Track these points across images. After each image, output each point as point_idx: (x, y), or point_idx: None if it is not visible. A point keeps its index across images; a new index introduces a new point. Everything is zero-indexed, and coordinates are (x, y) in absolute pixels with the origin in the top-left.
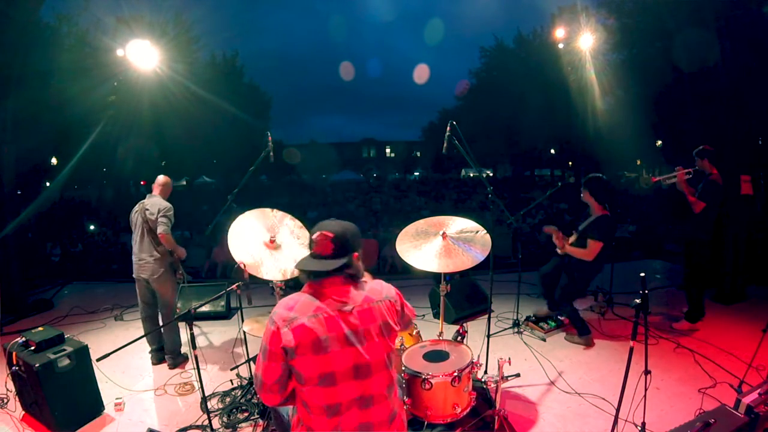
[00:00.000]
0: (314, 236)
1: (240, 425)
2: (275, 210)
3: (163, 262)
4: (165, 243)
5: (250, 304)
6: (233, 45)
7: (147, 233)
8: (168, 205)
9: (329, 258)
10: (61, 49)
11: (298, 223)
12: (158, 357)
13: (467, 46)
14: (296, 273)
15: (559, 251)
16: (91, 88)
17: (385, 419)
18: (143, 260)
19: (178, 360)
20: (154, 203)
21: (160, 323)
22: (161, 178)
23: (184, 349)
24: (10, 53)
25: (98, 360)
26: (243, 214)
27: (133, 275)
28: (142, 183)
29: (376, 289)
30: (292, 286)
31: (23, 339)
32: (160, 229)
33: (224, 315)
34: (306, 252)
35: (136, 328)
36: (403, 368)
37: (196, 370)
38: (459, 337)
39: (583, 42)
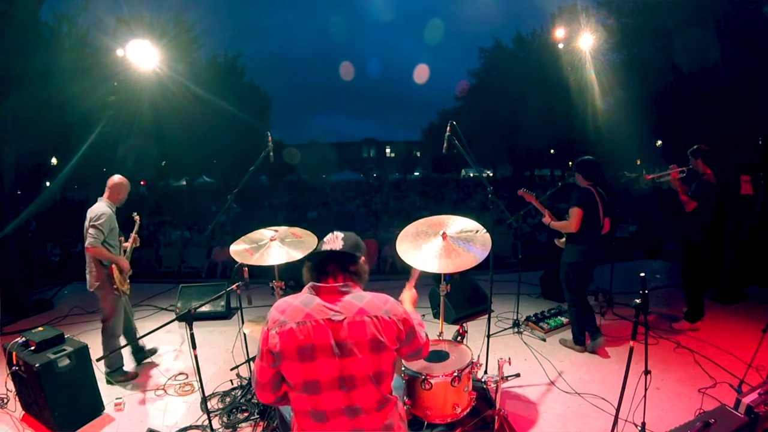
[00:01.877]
0: (325, 238)
1: (240, 425)
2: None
3: (99, 276)
4: (93, 255)
5: (250, 304)
6: (233, 45)
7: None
8: (101, 212)
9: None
10: (61, 49)
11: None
12: (137, 358)
13: (467, 46)
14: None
15: (544, 221)
16: (91, 88)
17: (378, 428)
18: (86, 271)
19: (115, 376)
20: (91, 209)
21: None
22: (111, 179)
23: (172, 351)
24: (10, 53)
25: (98, 360)
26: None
27: None
28: (142, 183)
29: (376, 304)
30: (292, 286)
31: (23, 339)
32: (87, 242)
33: (224, 315)
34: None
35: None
36: (403, 368)
37: (196, 370)
38: (459, 337)
39: (583, 42)
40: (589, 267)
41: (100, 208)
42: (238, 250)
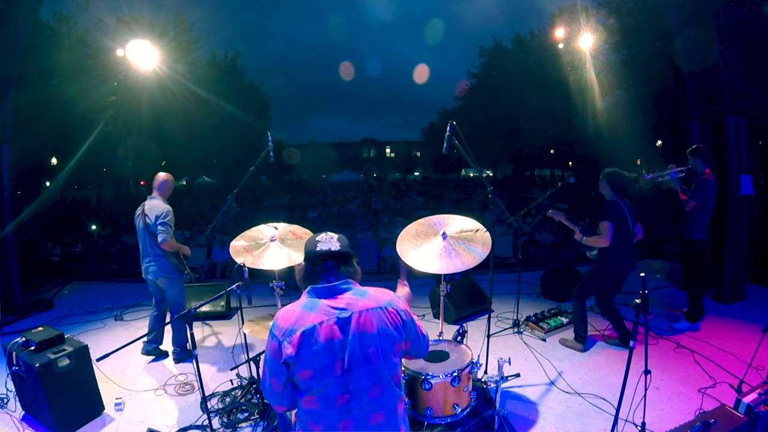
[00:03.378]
0: (318, 237)
1: (240, 425)
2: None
3: (167, 264)
4: (168, 249)
5: (250, 304)
6: (234, 45)
7: (149, 237)
8: (165, 209)
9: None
10: (61, 49)
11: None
12: (147, 349)
13: (467, 46)
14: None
15: (576, 238)
16: (91, 88)
17: (387, 422)
18: (148, 263)
19: (182, 355)
20: (152, 208)
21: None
22: (160, 176)
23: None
24: (10, 53)
25: (98, 360)
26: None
27: (143, 275)
28: (142, 183)
29: (378, 296)
30: (293, 286)
31: (23, 339)
32: (159, 238)
33: (224, 315)
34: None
35: (136, 328)
36: (403, 368)
37: (196, 370)
38: (459, 337)
39: (583, 42)
40: (623, 277)
41: (163, 206)
42: (237, 246)
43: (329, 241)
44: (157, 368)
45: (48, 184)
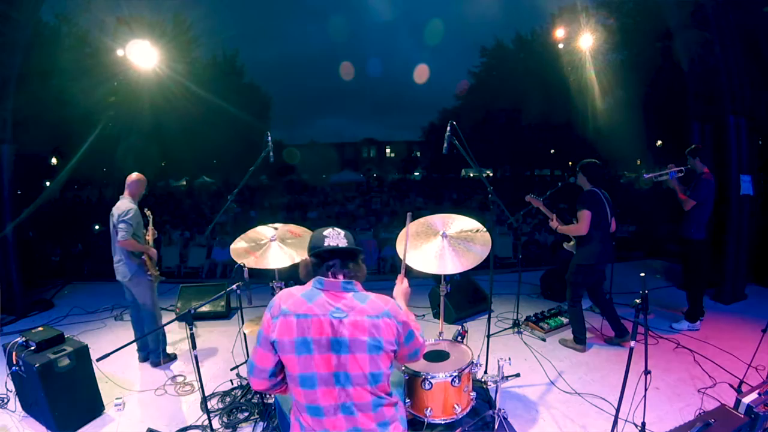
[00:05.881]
0: (325, 232)
1: (240, 425)
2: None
3: (132, 265)
4: (127, 248)
5: (250, 304)
6: (234, 45)
7: (115, 236)
8: (128, 207)
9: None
10: (62, 49)
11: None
12: (143, 356)
13: (467, 46)
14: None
15: (552, 225)
16: (92, 88)
17: (373, 427)
18: (116, 263)
19: (158, 360)
20: (118, 207)
21: (148, 324)
22: (131, 176)
23: (172, 349)
24: (10, 53)
25: (98, 360)
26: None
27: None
28: None
29: (378, 304)
30: (292, 286)
31: (23, 339)
32: (118, 236)
33: (224, 315)
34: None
35: None
36: (403, 368)
37: (196, 370)
38: (459, 337)
39: (583, 42)
40: (601, 267)
41: (126, 205)
42: (238, 249)
43: (336, 237)
44: (157, 368)
45: (48, 184)
